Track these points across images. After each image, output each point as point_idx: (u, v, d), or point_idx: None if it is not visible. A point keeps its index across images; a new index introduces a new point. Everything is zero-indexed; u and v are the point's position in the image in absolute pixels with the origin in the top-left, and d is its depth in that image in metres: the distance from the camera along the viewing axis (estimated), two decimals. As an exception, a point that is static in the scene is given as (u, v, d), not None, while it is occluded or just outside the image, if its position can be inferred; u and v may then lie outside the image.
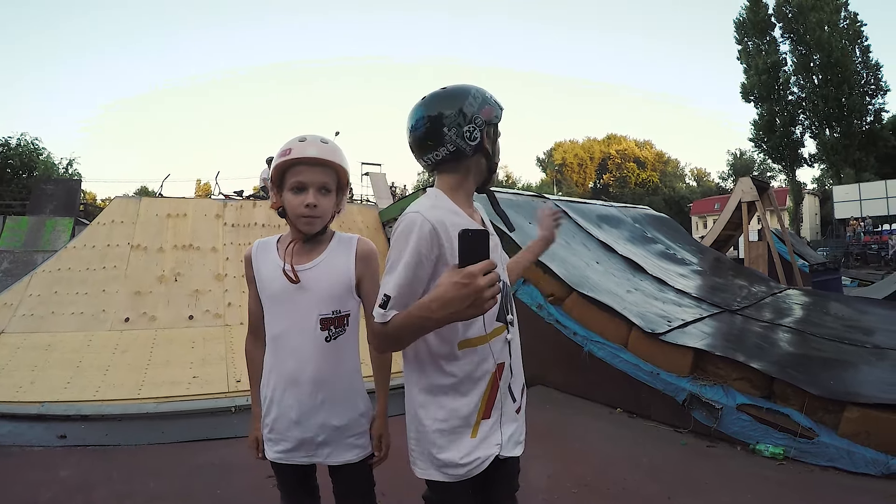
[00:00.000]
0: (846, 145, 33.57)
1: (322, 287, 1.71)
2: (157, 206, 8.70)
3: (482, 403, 1.56)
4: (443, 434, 1.55)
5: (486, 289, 1.26)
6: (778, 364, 4.46)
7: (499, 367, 1.59)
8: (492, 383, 1.57)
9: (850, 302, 8.15)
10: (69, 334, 6.36)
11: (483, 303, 1.28)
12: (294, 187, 1.71)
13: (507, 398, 1.62)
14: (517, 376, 1.65)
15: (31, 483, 3.52)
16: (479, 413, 1.56)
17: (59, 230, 17.78)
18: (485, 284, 1.25)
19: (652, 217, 11.27)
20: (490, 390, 1.57)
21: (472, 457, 1.54)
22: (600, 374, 5.06)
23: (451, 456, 1.54)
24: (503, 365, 1.60)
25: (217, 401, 5.15)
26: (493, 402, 1.58)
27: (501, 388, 1.60)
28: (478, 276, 1.25)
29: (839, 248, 26.76)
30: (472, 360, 1.55)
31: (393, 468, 1.92)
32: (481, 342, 1.55)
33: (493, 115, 1.62)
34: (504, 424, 1.61)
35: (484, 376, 1.56)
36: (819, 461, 3.74)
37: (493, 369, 1.57)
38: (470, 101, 1.58)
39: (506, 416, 1.61)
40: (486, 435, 1.57)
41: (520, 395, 1.66)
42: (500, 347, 1.60)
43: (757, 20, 36.14)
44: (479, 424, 1.56)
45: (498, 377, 1.58)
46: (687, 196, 64.47)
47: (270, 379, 1.75)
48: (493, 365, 1.57)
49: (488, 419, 1.58)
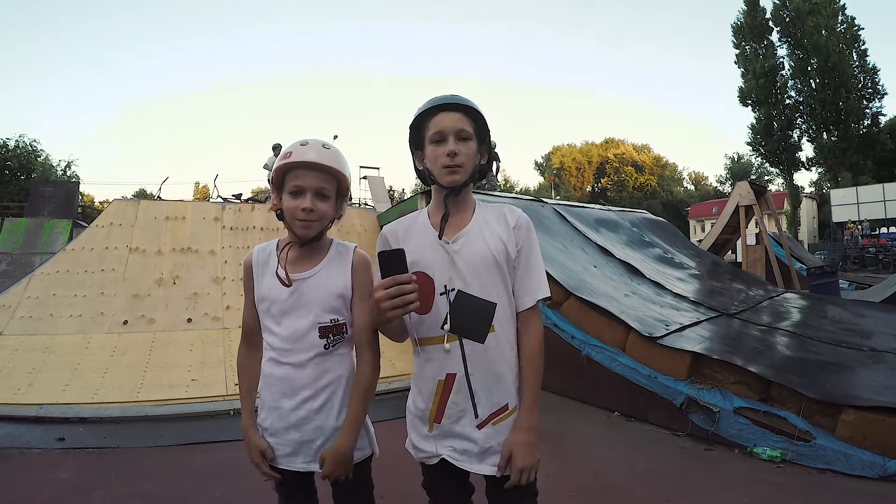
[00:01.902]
0: (843, 149, 33.67)
1: (320, 295, 1.72)
2: (155, 208, 8.70)
3: (433, 406, 1.66)
4: (410, 415, 1.76)
5: (382, 300, 1.46)
6: (775, 367, 4.47)
7: (448, 377, 1.63)
8: (440, 390, 1.64)
9: (848, 305, 8.16)
10: (68, 336, 6.36)
11: (384, 312, 1.48)
12: (292, 190, 1.71)
13: (468, 411, 1.62)
14: (485, 394, 1.62)
15: (29, 485, 3.51)
16: (430, 414, 1.67)
17: (57, 232, 17.77)
18: (380, 297, 1.47)
19: (650, 221, 11.30)
20: (439, 397, 1.65)
21: (425, 446, 1.70)
22: (598, 377, 5.07)
23: (413, 438, 1.74)
24: (454, 376, 1.62)
25: (215, 404, 5.14)
26: (443, 409, 1.64)
27: (454, 397, 1.63)
28: (378, 290, 1.48)
29: (837, 252, 26.88)
30: (420, 358, 1.70)
31: (392, 472, 1.93)
32: (422, 343, 1.67)
33: (412, 124, 1.76)
34: (456, 436, 1.64)
35: (432, 380, 1.65)
36: (816, 464, 3.75)
37: (440, 377, 1.63)
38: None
39: (462, 428, 1.63)
40: (438, 435, 1.67)
41: (487, 413, 1.63)
42: (444, 357, 1.63)
43: (754, 24, 36.31)
44: (432, 424, 1.67)
45: (448, 387, 1.63)
46: (685, 200, 64.63)
47: (269, 383, 1.76)
48: (439, 372, 1.63)
49: (439, 423, 1.66)
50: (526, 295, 1.69)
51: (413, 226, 1.74)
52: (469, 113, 1.68)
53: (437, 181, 1.68)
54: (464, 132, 1.66)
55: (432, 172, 1.69)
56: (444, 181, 1.66)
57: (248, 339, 1.87)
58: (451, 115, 1.66)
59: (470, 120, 1.67)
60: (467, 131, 1.66)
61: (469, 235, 1.66)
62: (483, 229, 1.68)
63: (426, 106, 1.69)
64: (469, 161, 1.67)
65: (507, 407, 1.64)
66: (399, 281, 1.46)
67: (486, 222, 1.70)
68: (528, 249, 1.70)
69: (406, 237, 1.71)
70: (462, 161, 1.64)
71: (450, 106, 1.67)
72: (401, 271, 1.48)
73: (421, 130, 1.72)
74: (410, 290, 1.47)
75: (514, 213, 1.73)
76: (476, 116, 1.69)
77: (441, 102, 1.67)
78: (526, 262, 1.70)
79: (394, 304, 1.45)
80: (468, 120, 1.67)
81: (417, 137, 1.75)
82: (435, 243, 1.65)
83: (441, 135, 1.65)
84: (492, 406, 1.62)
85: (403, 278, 1.47)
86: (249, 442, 1.77)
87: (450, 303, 1.61)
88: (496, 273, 1.64)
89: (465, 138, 1.66)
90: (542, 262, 1.74)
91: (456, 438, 1.64)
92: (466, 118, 1.67)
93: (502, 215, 1.72)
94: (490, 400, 1.62)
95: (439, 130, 1.65)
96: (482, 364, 1.61)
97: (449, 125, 1.65)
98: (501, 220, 1.70)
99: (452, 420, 1.63)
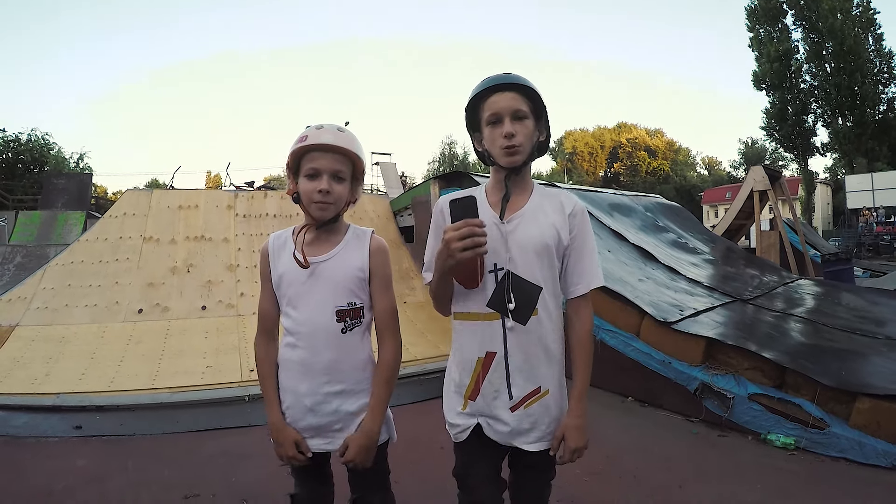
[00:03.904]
0: (859, 134, 33.17)
1: (337, 279, 1.72)
2: (168, 198, 8.74)
3: (471, 382, 1.67)
4: (447, 393, 1.77)
5: (453, 240, 1.47)
6: (790, 354, 4.45)
7: (488, 354, 1.63)
8: (479, 368, 1.65)
9: (862, 293, 8.09)
10: (83, 326, 6.42)
11: (455, 252, 1.47)
12: (309, 173, 1.71)
13: (502, 391, 1.63)
14: (521, 376, 1.64)
15: (46, 473, 3.56)
16: (467, 390, 1.68)
17: (71, 224, 17.92)
18: (452, 237, 1.47)
19: (663, 206, 11.22)
20: (477, 374, 1.66)
21: (459, 420, 1.71)
22: (612, 362, 5.07)
23: (448, 415, 1.75)
24: (493, 354, 1.63)
25: (230, 390, 5.19)
26: (479, 387, 1.65)
27: (490, 377, 1.64)
28: (449, 231, 1.49)
29: (851, 239, 26.55)
30: (460, 334, 1.71)
31: (407, 457, 1.93)
32: (465, 318, 1.68)
33: (467, 106, 1.77)
34: (489, 416, 1.66)
35: (472, 357, 1.66)
36: (830, 452, 3.74)
37: (480, 354, 1.64)
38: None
39: (495, 409, 1.65)
40: (471, 414, 1.69)
41: (520, 395, 1.64)
42: (491, 335, 1.63)
43: (769, 7, 35.67)
44: (466, 401, 1.69)
45: (487, 365, 1.64)
46: (698, 185, 64.20)
47: (286, 367, 1.76)
48: (480, 349, 1.64)
49: (474, 401, 1.67)
50: (579, 282, 1.72)
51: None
52: (524, 91, 1.66)
53: (497, 162, 1.68)
54: (520, 111, 1.64)
55: (491, 154, 1.69)
56: (503, 162, 1.66)
57: (266, 330, 1.85)
58: (506, 95, 1.65)
59: (525, 98, 1.66)
60: (523, 110, 1.65)
61: (524, 217, 1.67)
62: (538, 213, 1.68)
63: (480, 87, 1.68)
64: (527, 140, 1.66)
65: (538, 390, 1.64)
66: (471, 223, 1.47)
67: (541, 207, 1.70)
68: (581, 236, 1.71)
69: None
70: (520, 141, 1.64)
71: (504, 86, 1.66)
72: (472, 217, 1.50)
73: (476, 112, 1.72)
74: (481, 232, 1.47)
75: (571, 199, 1.73)
76: (531, 94, 1.67)
77: (495, 83, 1.66)
78: (580, 249, 1.71)
79: (465, 245, 1.46)
80: (523, 99, 1.66)
81: (474, 119, 1.75)
82: (489, 221, 1.62)
83: (497, 116, 1.65)
84: (525, 389, 1.63)
85: (475, 221, 1.48)
86: (282, 435, 1.74)
87: (497, 281, 1.61)
88: (545, 258, 1.65)
89: (521, 117, 1.65)
90: (596, 251, 1.75)
91: (489, 418, 1.66)
92: (521, 97, 1.65)
93: (559, 202, 1.72)
94: (525, 382, 1.63)
95: (495, 112, 1.65)
96: (522, 346, 1.62)
97: (504, 106, 1.64)
98: (558, 208, 1.70)
99: (487, 400, 1.65)
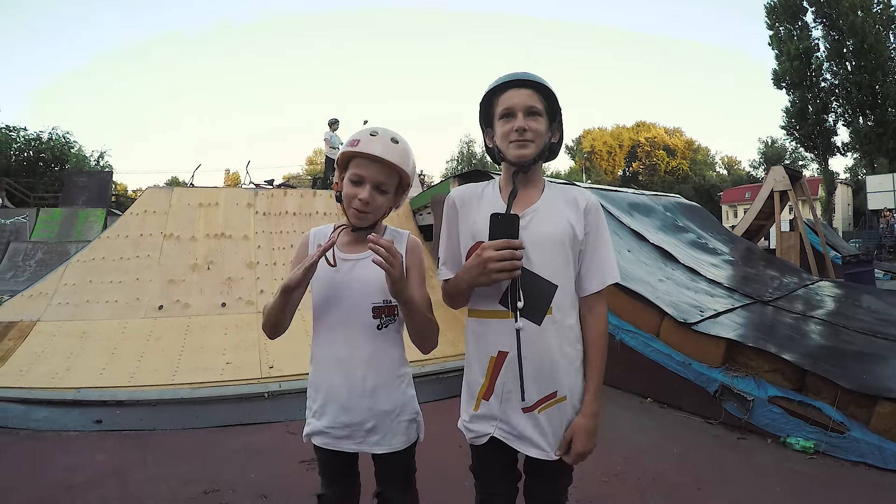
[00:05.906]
0: (880, 134, 32.65)
1: (376, 277, 1.65)
2: (188, 195, 8.81)
3: (486, 381, 1.65)
4: (464, 391, 1.75)
5: (491, 260, 1.49)
6: (810, 356, 4.40)
7: (500, 354, 1.61)
8: (492, 366, 1.63)
9: (883, 295, 8.00)
10: (104, 322, 6.49)
11: (490, 273, 1.50)
12: (353, 179, 1.70)
13: (514, 393, 1.60)
14: (535, 377, 1.59)
15: (67, 466, 3.60)
16: (481, 390, 1.66)
17: (92, 221, 18.18)
18: (490, 257, 1.49)
19: (683, 206, 11.11)
20: (490, 373, 1.64)
21: (474, 426, 1.69)
22: (631, 363, 5.05)
23: (463, 417, 1.74)
24: (505, 354, 1.60)
25: (250, 386, 5.22)
26: (492, 387, 1.64)
27: (503, 377, 1.61)
28: (488, 249, 1.50)
29: (872, 240, 26.17)
30: (473, 332, 1.70)
31: (430, 456, 1.93)
32: (478, 315, 1.68)
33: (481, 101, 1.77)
34: (503, 418, 1.64)
35: (484, 355, 1.65)
36: (849, 456, 3.68)
37: (492, 353, 1.63)
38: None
39: (508, 411, 1.62)
40: (484, 415, 1.66)
41: (535, 398, 1.60)
42: (502, 333, 1.61)
43: (788, 4, 35.18)
44: (479, 401, 1.67)
45: (499, 364, 1.62)
46: (717, 185, 63.67)
47: (321, 364, 1.76)
48: (492, 348, 1.63)
49: (487, 401, 1.65)
50: (594, 279, 1.68)
51: (483, 195, 1.74)
52: (540, 90, 1.66)
53: (506, 157, 1.67)
54: (533, 108, 1.64)
55: (501, 149, 1.68)
56: (511, 155, 1.65)
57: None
58: (521, 92, 1.64)
59: (540, 97, 1.65)
60: (537, 108, 1.64)
61: (537, 213, 1.65)
62: (551, 209, 1.66)
63: (496, 83, 1.68)
64: (539, 137, 1.65)
65: (555, 394, 1.61)
66: (512, 245, 1.49)
67: (555, 202, 1.68)
68: (596, 232, 1.68)
69: (476, 204, 1.72)
70: (531, 137, 1.63)
71: (520, 82, 1.65)
72: (512, 236, 1.51)
73: (490, 107, 1.72)
74: (520, 255, 1.50)
75: (585, 195, 1.71)
76: (547, 93, 1.66)
77: (511, 79, 1.66)
78: (594, 245, 1.68)
79: (503, 267, 1.48)
80: (539, 97, 1.65)
81: (487, 115, 1.75)
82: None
83: (510, 110, 1.64)
84: (539, 392, 1.59)
85: (516, 243, 1.50)
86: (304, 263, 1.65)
87: (511, 278, 1.59)
88: (560, 254, 1.62)
89: (534, 114, 1.64)
90: (611, 247, 1.72)
91: (502, 421, 1.63)
92: (537, 95, 1.65)
93: (573, 198, 1.69)
94: (539, 385, 1.59)
95: (508, 107, 1.64)
96: (536, 346, 1.58)
97: (518, 101, 1.63)
98: (572, 203, 1.68)
99: (500, 400, 1.62)
